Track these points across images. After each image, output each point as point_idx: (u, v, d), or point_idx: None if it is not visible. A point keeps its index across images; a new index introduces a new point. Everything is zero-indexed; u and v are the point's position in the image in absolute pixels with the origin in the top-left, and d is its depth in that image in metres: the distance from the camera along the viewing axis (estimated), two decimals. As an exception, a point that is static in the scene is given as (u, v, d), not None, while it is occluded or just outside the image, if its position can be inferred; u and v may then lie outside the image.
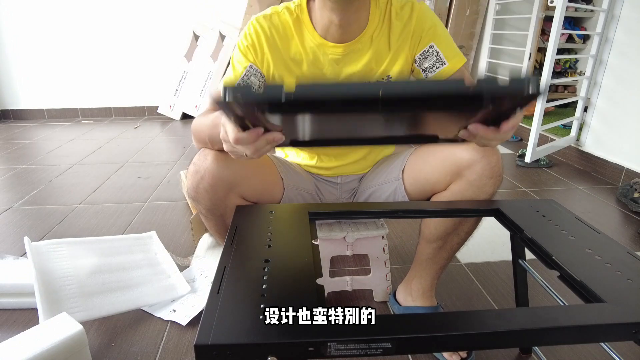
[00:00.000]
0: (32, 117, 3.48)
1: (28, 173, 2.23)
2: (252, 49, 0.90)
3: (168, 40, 3.37)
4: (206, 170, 0.81)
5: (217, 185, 0.81)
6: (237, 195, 0.85)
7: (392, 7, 0.89)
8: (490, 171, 0.82)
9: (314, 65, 0.90)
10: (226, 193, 0.83)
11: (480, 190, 0.84)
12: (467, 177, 0.84)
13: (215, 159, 0.81)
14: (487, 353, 1.00)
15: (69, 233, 1.57)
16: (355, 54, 0.90)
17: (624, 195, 1.87)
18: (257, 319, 0.48)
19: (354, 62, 0.90)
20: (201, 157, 0.82)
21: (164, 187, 2.01)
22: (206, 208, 0.85)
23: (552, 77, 2.17)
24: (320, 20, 0.87)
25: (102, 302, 1.06)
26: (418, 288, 1.05)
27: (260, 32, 0.89)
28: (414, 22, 0.89)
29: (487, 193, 0.84)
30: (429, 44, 0.89)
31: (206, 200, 0.83)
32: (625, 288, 0.55)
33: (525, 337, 0.49)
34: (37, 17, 3.23)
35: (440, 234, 0.94)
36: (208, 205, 0.84)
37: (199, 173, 0.81)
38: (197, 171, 0.82)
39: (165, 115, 3.48)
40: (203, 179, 0.81)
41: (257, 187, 0.89)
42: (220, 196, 0.83)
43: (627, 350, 0.64)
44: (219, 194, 0.82)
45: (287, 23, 0.89)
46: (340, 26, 0.86)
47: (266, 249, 0.63)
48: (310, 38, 0.89)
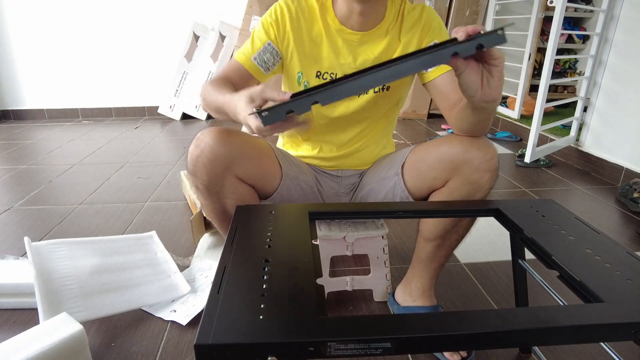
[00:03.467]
0: (32, 117, 3.49)
1: (28, 173, 2.23)
2: (275, 26, 0.97)
3: (168, 41, 3.37)
4: (206, 145, 0.83)
5: (215, 161, 0.84)
6: (233, 175, 0.87)
7: (405, 6, 0.99)
8: (487, 164, 0.84)
9: (332, 47, 0.97)
10: (223, 170, 0.85)
11: (478, 184, 0.85)
12: (464, 172, 0.85)
13: (217, 136, 0.84)
14: (486, 353, 1.00)
15: (69, 233, 1.57)
16: (371, 43, 0.97)
17: (624, 195, 1.87)
18: (257, 319, 0.48)
19: (369, 50, 0.98)
20: (204, 132, 0.85)
21: (164, 187, 2.01)
22: (203, 184, 0.87)
23: (551, 78, 2.17)
24: (341, 8, 0.95)
25: (102, 302, 1.06)
26: (418, 287, 1.05)
27: (286, 11, 0.96)
28: (423, 20, 0.98)
29: (484, 187, 0.85)
30: (432, 41, 0.97)
31: (203, 174, 0.85)
32: (624, 288, 0.55)
33: (525, 337, 0.49)
34: (37, 17, 3.23)
35: (440, 232, 0.94)
36: (205, 181, 0.86)
37: (199, 147, 0.84)
38: (198, 145, 0.84)
39: (165, 116, 3.48)
40: (203, 152, 0.83)
41: (254, 171, 0.92)
42: (218, 172, 0.85)
43: (626, 350, 0.64)
44: (217, 169, 0.84)
45: (313, 7, 0.97)
46: (361, 15, 0.93)
47: (266, 249, 0.63)
48: (331, 23, 0.97)
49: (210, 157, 0.83)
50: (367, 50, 0.97)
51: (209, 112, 0.92)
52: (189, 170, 0.88)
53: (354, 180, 1.11)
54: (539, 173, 2.27)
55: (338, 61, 0.97)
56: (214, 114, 0.90)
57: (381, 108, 1.04)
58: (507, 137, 2.92)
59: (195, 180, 0.87)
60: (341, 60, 0.97)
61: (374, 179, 1.06)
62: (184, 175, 1.79)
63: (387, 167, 1.04)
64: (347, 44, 0.97)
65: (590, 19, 3.46)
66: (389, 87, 1.00)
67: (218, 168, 0.84)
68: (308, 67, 0.98)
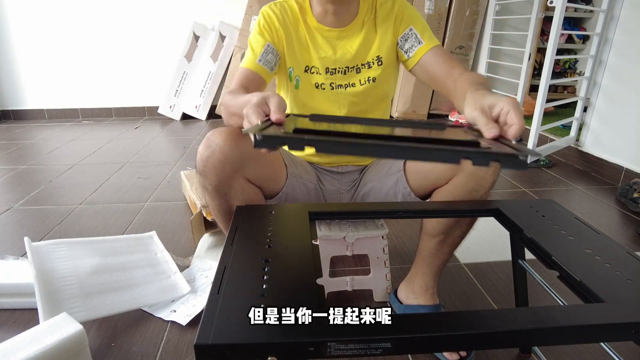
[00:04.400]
0: (32, 117, 3.48)
1: (28, 173, 2.23)
2: (267, 28, 1.01)
3: (168, 41, 3.37)
4: (217, 146, 0.83)
5: (225, 162, 0.83)
6: (242, 176, 0.87)
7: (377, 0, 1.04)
8: None
9: (314, 44, 1.03)
10: (233, 172, 0.85)
11: (482, 180, 0.86)
12: (467, 169, 0.86)
13: (228, 138, 0.83)
14: (486, 353, 1.00)
15: (69, 233, 1.57)
16: (349, 38, 1.03)
17: (624, 195, 1.87)
18: (257, 319, 0.48)
19: (348, 44, 1.03)
20: (215, 134, 0.85)
21: (164, 188, 2.01)
22: (212, 184, 0.86)
23: (551, 78, 2.17)
24: (317, 8, 1.01)
25: (103, 302, 1.06)
26: (421, 285, 1.06)
27: (272, 15, 1.02)
28: (395, 9, 1.03)
29: (487, 183, 0.86)
30: (408, 27, 1.02)
31: (213, 175, 0.85)
32: (624, 288, 0.55)
33: (525, 337, 0.49)
34: (37, 18, 3.23)
35: (443, 228, 0.95)
36: (214, 182, 0.86)
37: (210, 148, 0.84)
38: (209, 146, 0.84)
39: (165, 116, 3.48)
40: (213, 153, 0.83)
41: (263, 172, 0.92)
42: (227, 173, 0.84)
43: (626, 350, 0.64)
44: (226, 171, 0.84)
45: (294, 9, 1.03)
46: (334, 14, 1.00)
47: (266, 249, 0.63)
48: (310, 22, 1.03)
49: (220, 158, 0.83)
50: (347, 44, 1.03)
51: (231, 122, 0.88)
52: (198, 170, 0.87)
53: (355, 176, 1.12)
54: (539, 173, 2.27)
55: (319, 55, 1.03)
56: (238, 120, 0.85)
57: (369, 99, 1.06)
58: (507, 137, 2.92)
59: (204, 180, 0.87)
60: (322, 54, 1.02)
61: (375, 176, 1.07)
62: (184, 176, 1.79)
63: (389, 164, 1.05)
64: (327, 40, 1.03)
65: (590, 19, 3.46)
66: (375, 78, 1.03)
67: (228, 169, 0.84)
68: (297, 63, 1.03)
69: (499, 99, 0.63)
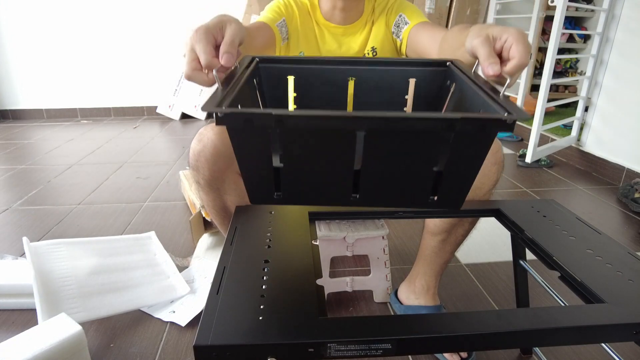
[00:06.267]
0: (31, 117, 3.48)
1: (27, 173, 2.23)
2: (286, 10, 1.04)
3: (167, 41, 3.36)
4: (209, 140, 0.83)
5: (217, 157, 0.83)
6: (235, 172, 0.87)
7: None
8: (493, 157, 0.85)
9: (322, 39, 1.07)
10: (225, 167, 0.85)
11: (486, 177, 0.86)
12: None
13: (220, 131, 0.83)
14: (487, 354, 0.99)
15: (67, 233, 1.56)
16: (353, 35, 1.07)
17: (625, 195, 1.87)
18: (257, 319, 0.47)
19: (352, 42, 1.08)
20: (207, 128, 0.85)
21: (163, 188, 2.01)
22: (204, 179, 0.86)
23: (552, 77, 2.16)
24: (325, 5, 1.05)
25: (101, 303, 1.05)
26: (422, 285, 1.05)
27: (292, 2, 1.06)
28: (389, 4, 1.07)
29: (492, 179, 0.86)
30: (398, 15, 1.05)
31: (205, 169, 0.85)
32: (626, 289, 0.55)
33: (526, 337, 0.49)
34: (36, 17, 3.23)
35: (445, 226, 0.95)
36: (207, 176, 0.86)
37: (202, 142, 0.84)
38: (201, 140, 0.84)
39: (164, 115, 3.48)
40: (205, 147, 0.83)
41: None
42: (220, 168, 0.85)
43: (627, 351, 0.64)
44: (219, 165, 0.84)
45: (306, 4, 1.07)
46: (342, 10, 1.03)
47: (266, 249, 0.63)
48: (318, 19, 1.07)
49: (212, 152, 0.83)
50: (351, 41, 1.07)
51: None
52: (190, 165, 0.87)
53: None
54: (540, 173, 2.27)
55: (325, 48, 1.07)
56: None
57: None
58: (508, 137, 2.92)
59: (197, 175, 0.87)
60: (327, 47, 1.06)
61: None
62: (183, 175, 1.79)
63: None
64: (333, 36, 1.07)
65: (591, 19, 3.45)
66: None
67: (220, 164, 0.84)
68: (309, 48, 1.07)
69: (504, 30, 0.55)
